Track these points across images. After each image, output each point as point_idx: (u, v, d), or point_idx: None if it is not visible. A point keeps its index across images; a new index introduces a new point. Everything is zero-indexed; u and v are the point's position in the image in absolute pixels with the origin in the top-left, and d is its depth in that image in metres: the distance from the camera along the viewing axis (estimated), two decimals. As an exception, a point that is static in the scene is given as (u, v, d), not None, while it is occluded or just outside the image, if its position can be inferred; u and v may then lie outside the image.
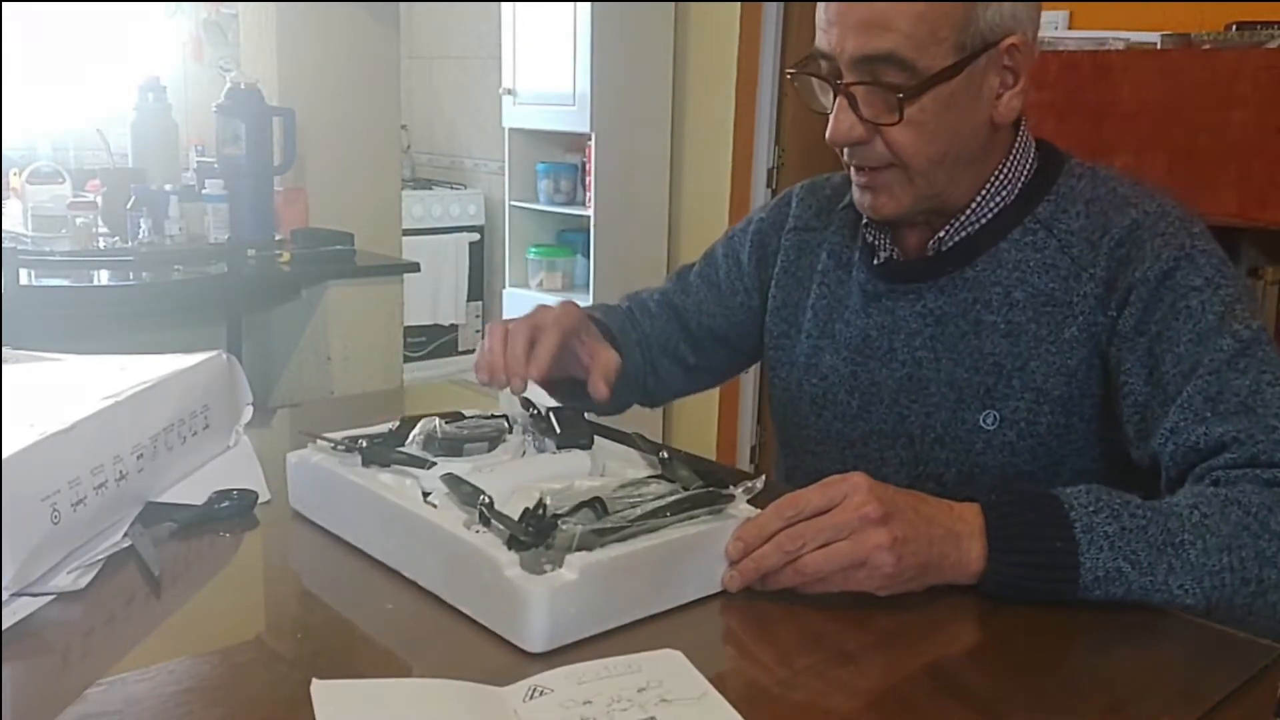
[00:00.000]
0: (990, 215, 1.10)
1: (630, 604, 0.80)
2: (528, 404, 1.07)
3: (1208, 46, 2.23)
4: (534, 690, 0.68)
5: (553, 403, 1.09)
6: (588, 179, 3.87)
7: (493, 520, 0.80)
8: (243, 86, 2.77)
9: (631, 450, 1.00)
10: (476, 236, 4.57)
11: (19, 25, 3.54)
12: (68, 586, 0.82)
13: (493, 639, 0.77)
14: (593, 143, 3.77)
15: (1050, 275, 1.07)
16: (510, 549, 0.78)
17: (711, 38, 3.80)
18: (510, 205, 4.18)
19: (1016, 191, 1.10)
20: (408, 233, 3.54)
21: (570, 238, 4.22)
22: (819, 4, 1.04)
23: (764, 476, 0.88)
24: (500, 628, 0.77)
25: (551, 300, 4.42)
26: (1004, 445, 1.08)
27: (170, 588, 0.88)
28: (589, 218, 3.86)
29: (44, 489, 0.81)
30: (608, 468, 0.99)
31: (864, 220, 1.17)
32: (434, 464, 0.93)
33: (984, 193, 1.09)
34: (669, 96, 3.89)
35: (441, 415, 1.02)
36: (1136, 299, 1.01)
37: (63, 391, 0.95)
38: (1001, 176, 1.10)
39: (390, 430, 1.01)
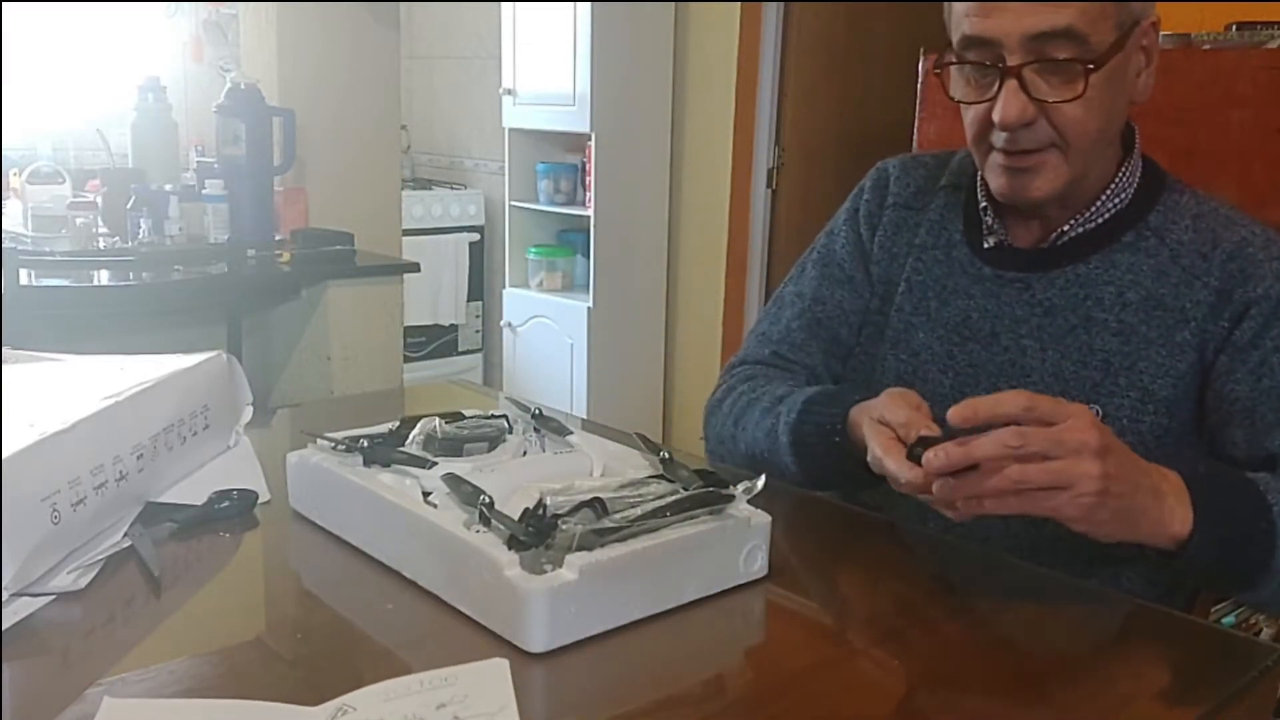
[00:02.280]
0: (1108, 215, 1.13)
1: (631, 604, 0.80)
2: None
3: (1208, 46, 2.23)
4: (340, 710, 0.66)
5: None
6: (588, 179, 3.87)
7: (493, 520, 0.80)
8: (243, 86, 2.77)
9: (632, 450, 1.00)
10: (476, 236, 4.57)
11: (19, 25, 3.54)
12: (68, 586, 0.82)
13: (493, 639, 0.77)
14: (593, 143, 3.77)
15: (1162, 281, 1.10)
16: (510, 549, 0.77)
17: (711, 38, 3.80)
18: (510, 205, 4.18)
19: (1130, 196, 1.13)
20: (408, 233, 3.54)
21: (570, 238, 4.22)
22: None
23: (764, 476, 0.88)
24: (500, 628, 0.77)
25: (552, 299, 4.34)
26: None
27: (170, 588, 0.88)
28: (589, 218, 3.86)
29: (44, 489, 0.81)
30: (608, 467, 0.98)
31: (981, 204, 1.18)
32: (435, 464, 0.93)
33: (1108, 191, 1.12)
34: (669, 96, 3.89)
35: (441, 415, 1.02)
36: (1257, 314, 1.05)
37: (63, 391, 0.95)
38: (1122, 179, 1.13)
39: (390, 430, 1.01)
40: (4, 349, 1.08)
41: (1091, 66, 1.02)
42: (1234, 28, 2.25)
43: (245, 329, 2.91)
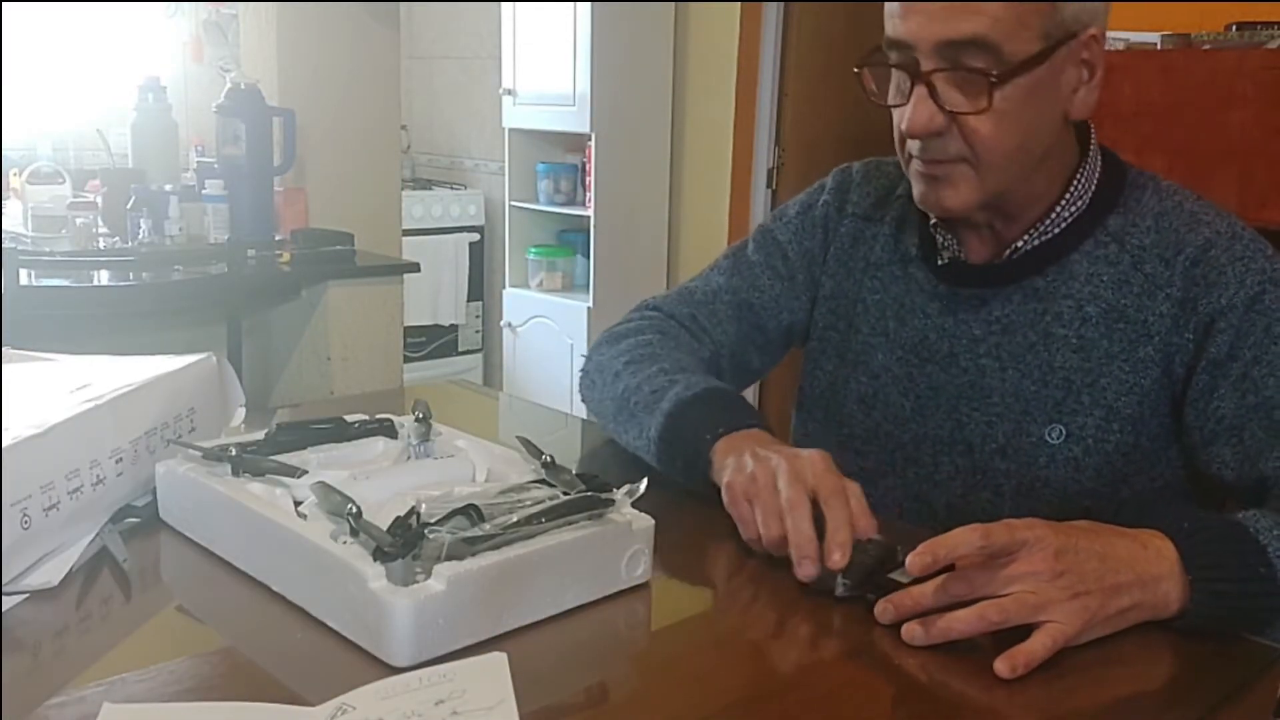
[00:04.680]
0: (1064, 224, 1.07)
1: (506, 613, 0.77)
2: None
3: (1208, 46, 2.23)
4: (340, 709, 0.65)
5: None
6: (588, 179, 3.87)
7: (360, 531, 0.76)
8: (243, 86, 2.77)
9: (515, 455, 0.96)
10: (476, 236, 4.57)
11: (19, 25, 3.54)
12: (41, 584, 0.81)
13: (363, 654, 0.74)
14: (593, 143, 3.77)
15: (1123, 291, 1.05)
16: (376, 560, 0.74)
17: (711, 38, 3.80)
18: (510, 205, 4.18)
19: (1088, 201, 1.08)
20: (408, 233, 3.54)
21: (570, 238, 4.22)
22: None
23: (645, 480, 0.84)
24: (365, 641, 0.74)
25: (552, 299, 4.32)
26: (1069, 461, 1.06)
27: (168, 588, 0.88)
28: (589, 218, 3.86)
29: (14, 494, 0.79)
30: (491, 473, 0.95)
31: (931, 219, 1.13)
32: (305, 472, 0.89)
33: (1064, 200, 1.07)
34: (669, 96, 3.89)
35: (318, 421, 0.99)
36: (1226, 326, 1.00)
37: (43, 393, 0.94)
38: (1078, 185, 1.07)
39: (264, 437, 0.96)
40: (3, 349, 1.07)
41: (995, 79, 0.96)
42: (1234, 28, 2.25)
43: (245, 329, 2.91)
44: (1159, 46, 2.28)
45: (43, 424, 0.84)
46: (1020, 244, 1.08)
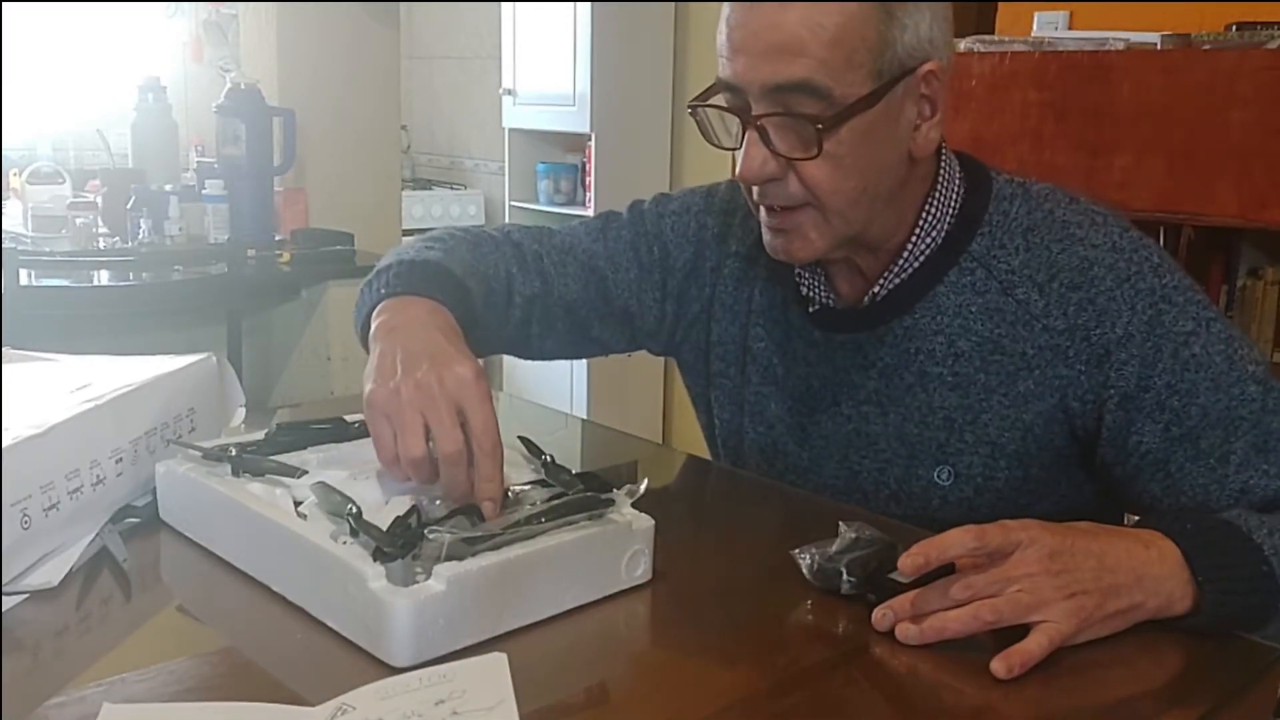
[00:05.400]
0: (923, 257, 1.03)
1: (506, 613, 0.77)
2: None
3: (1208, 46, 2.23)
4: (340, 710, 0.65)
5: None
6: (588, 179, 3.87)
7: (360, 531, 0.77)
8: (243, 86, 2.77)
9: (516, 455, 0.95)
10: (476, 236, 4.57)
11: (19, 25, 3.54)
12: (41, 584, 0.81)
13: (363, 654, 0.74)
14: (593, 143, 3.77)
15: (995, 320, 1.01)
16: (376, 560, 0.74)
17: (711, 38, 3.79)
18: (510, 205, 4.18)
19: (946, 228, 1.03)
20: (408, 233, 3.54)
21: (570, 238, 4.21)
22: (720, 31, 0.97)
23: (646, 480, 0.83)
24: (365, 641, 0.74)
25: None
26: (961, 501, 1.04)
27: (168, 588, 0.87)
28: (589, 218, 3.86)
29: (14, 494, 0.79)
30: None
31: (795, 269, 1.09)
32: (305, 472, 0.88)
33: (916, 234, 1.02)
34: (669, 96, 3.89)
35: (318, 421, 0.99)
36: (1129, 357, 0.96)
37: (43, 393, 0.94)
38: (930, 215, 1.02)
39: (264, 437, 0.96)
40: (4, 349, 1.07)
41: (821, 127, 0.91)
42: (1234, 28, 2.25)
43: (245, 329, 2.91)
44: (1159, 46, 2.28)
45: (43, 424, 0.84)
46: (878, 288, 1.05)
